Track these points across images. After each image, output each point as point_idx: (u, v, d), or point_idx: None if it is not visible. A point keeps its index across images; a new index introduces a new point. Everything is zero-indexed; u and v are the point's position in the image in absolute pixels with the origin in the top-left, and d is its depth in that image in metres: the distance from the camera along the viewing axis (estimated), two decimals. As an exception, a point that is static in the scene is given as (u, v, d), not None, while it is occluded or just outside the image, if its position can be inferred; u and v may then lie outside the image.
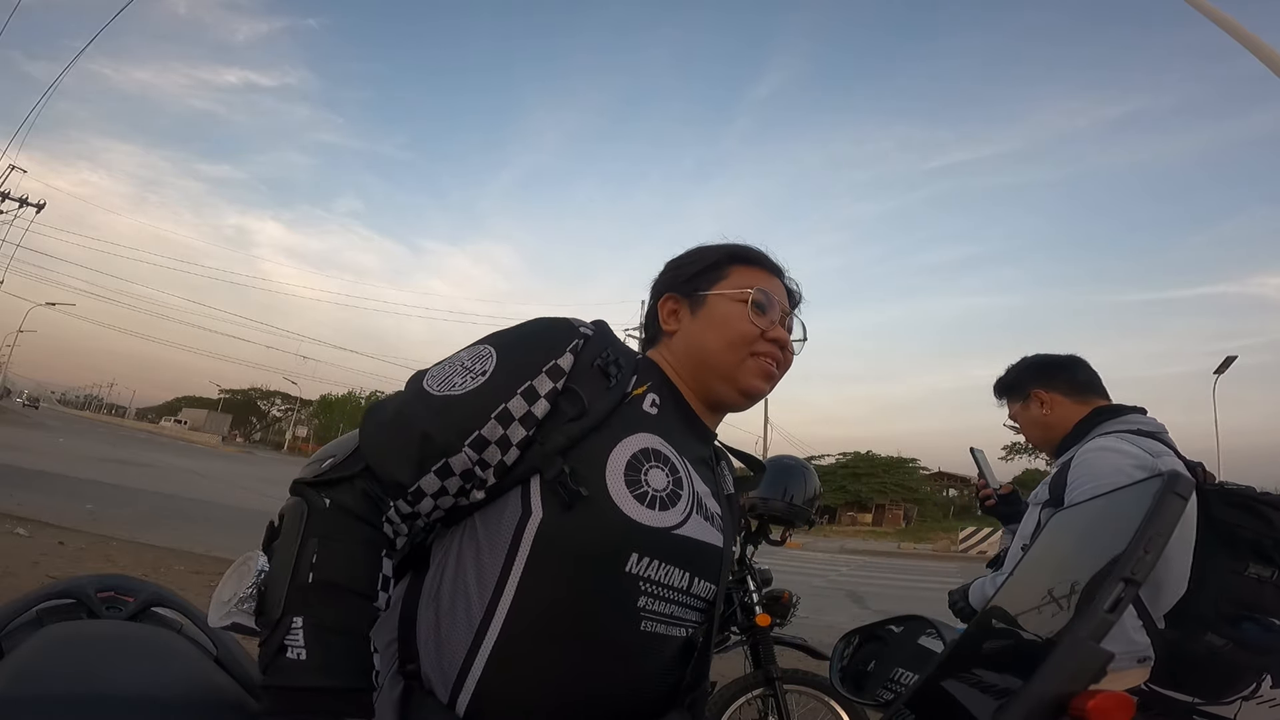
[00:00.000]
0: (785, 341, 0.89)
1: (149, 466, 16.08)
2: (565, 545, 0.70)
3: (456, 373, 0.74)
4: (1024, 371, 1.81)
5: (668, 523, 0.73)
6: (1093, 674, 0.59)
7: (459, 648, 0.68)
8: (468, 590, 0.70)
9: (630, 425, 0.77)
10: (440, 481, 0.71)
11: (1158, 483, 0.67)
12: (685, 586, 0.76)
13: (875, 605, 8.99)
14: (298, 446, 67.75)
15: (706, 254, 0.92)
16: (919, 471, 43.79)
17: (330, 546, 0.66)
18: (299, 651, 0.61)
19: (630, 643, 0.72)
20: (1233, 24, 5.68)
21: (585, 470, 0.71)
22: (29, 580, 4.02)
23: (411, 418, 0.72)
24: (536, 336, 0.78)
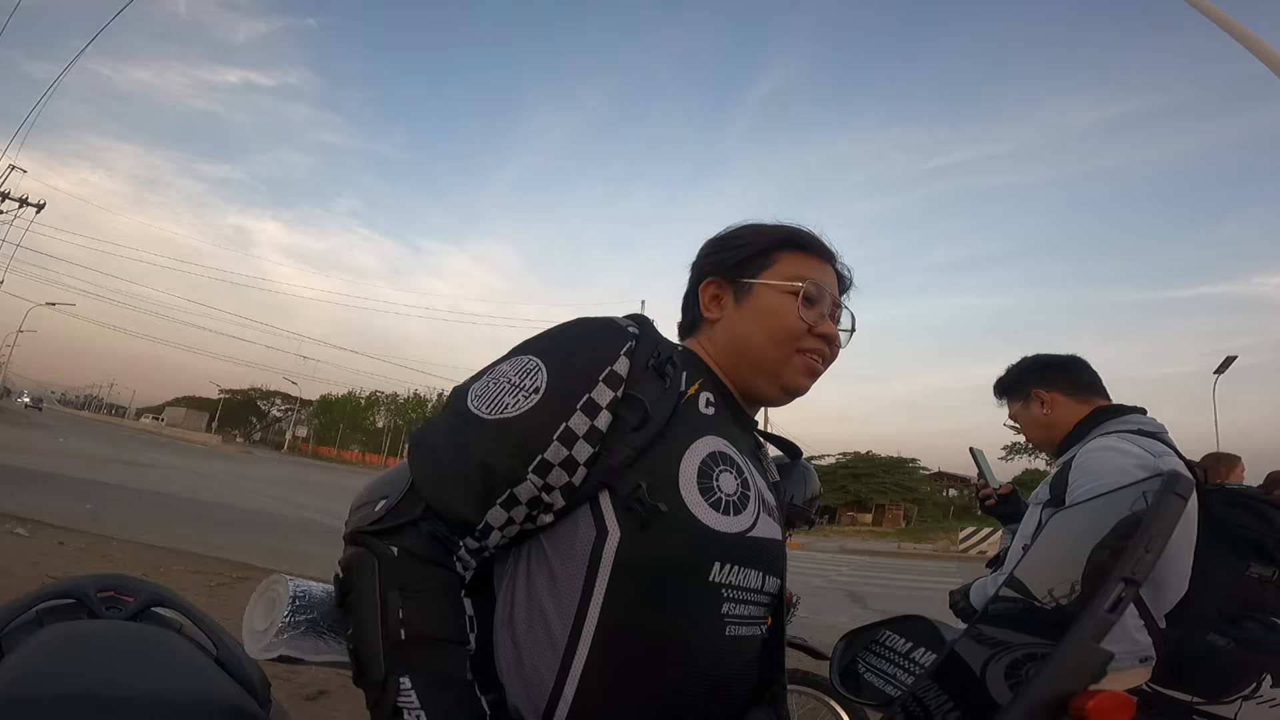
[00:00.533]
0: (834, 337, 0.84)
1: (149, 466, 16.07)
2: (648, 563, 0.66)
3: (505, 390, 0.68)
4: (1025, 371, 1.81)
5: (742, 526, 0.71)
6: (1093, 674, 0.59)
7: (546, 675, 0.65)
8: (546, 615, 0.67)
9: (694, 429, 0.72)
10: (507, 513, 0.66)
11: (1158, 483, 0.67)
12: (759, 586, 0.75)
13: (875, 605, 8.98)
14: (298, 446, 67.78)
15: (755, 237, 0.85)
16: (919, 471, 43.76)
17: (413, 598, 0.63)
18: (417, 713, 0.60)
19: (719, 650, 0.70)
20: (1233, 24, 5.68)
21: (658, 482, 0.67)
22: (29, 580, 4.03)
23: (467, 447, 0.66)
24: (586, 342, 0.71)
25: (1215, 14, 5.73)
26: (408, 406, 66.82)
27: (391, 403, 69.23)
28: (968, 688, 0.72)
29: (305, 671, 3.35)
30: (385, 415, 70.18)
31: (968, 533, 24.60)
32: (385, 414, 70.15)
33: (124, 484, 10.84)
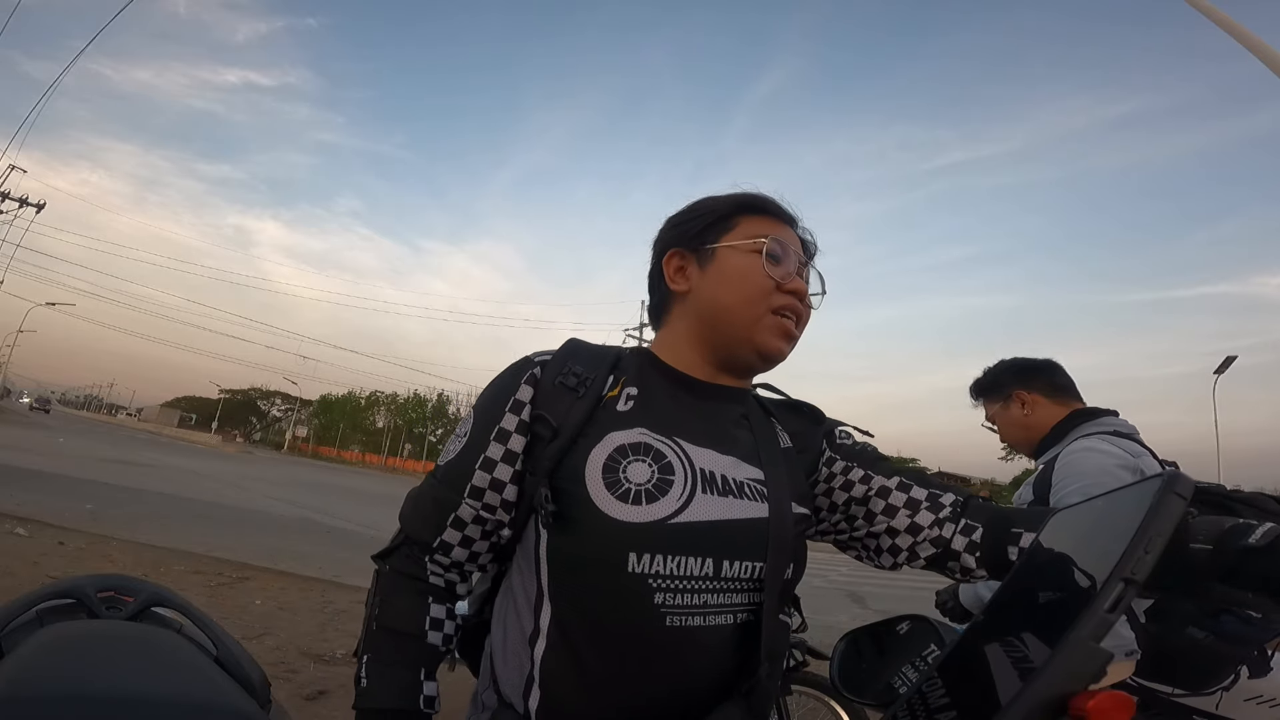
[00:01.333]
0: (803, 292, 0.84)
1: (149, 466, 16.07)
2: (568, 559, 0.73)
3: (452, 442, 0.83)
4: (1004, 373, 1.84)
5: (659, 514, 0.71)
6: (1093, 674, 0.59)
7: (522, 662, 0.75)
8: (519, 610, 0.77)
9: (604, 427, 0.76)
10: (459, 532, 0.80)
11: (1158, 483, 0.67)
12: (710, 574, 0.72)
13: (875, 605, 8.98)
14: (298, 446, 67.78)
15: (712, 205, 0.87)
16: (919, 471, 43.70)
17: (388, 600, 0.81)
18: (364, 681, 0.77)
19: (659, 640, 0.70)
20: (1233, 24, 5.68)
21: (567, 484, 0.73)
22: (29, 580, 4.03)
23: (426, 489, 0.83)
24: (496, 385, 0.82)
25: (1215, 14, 5.73)
26: (408, 406, 66.83)
27: (391, 403, 69.23)
28: (968, 687, 0.72)
29: (305, 671, 3.35)
30: (385, 415, 70.17)
31: (968, 533, 24.54)
32: (385, 414, 70.15)
33: (124, 484, 10.85)
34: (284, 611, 4.47)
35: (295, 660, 3.50)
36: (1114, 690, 0.59)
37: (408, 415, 66.35)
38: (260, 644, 3.64)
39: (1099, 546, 0.79)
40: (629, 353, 0.86)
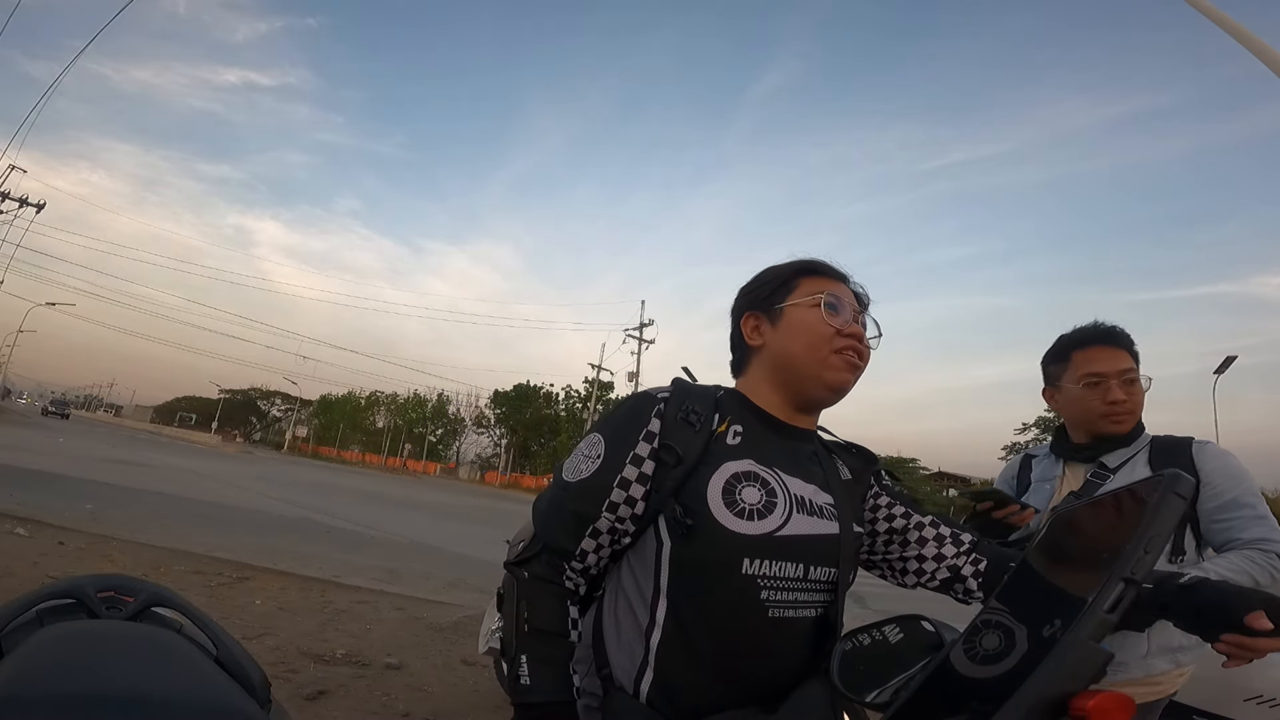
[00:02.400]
0: (860, 335, 0.99)
1: (149, 466, 16.07)
2: (692, 562, 0.89)
3: (581, 462, 0.95)
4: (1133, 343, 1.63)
5: (768, 528, 0.88)
6: (1093, 674, 0.59)
7: (635, 651, 0.90)
8: (633, 607, 0.92)
9: (720, 458, 0.92)
10: (595, 541, 0.93)
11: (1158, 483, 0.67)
12: (801, 576, 0.90)
13: (875, 605, 8.95)
14: (298, 446, 67.76)
15: (775, 273, 1.05)
16: (919, 471, 43.79)
17: (534, 604, 0.92)
18: (526, 679, 0.88)
19: (761, 629, 0.88)
20: (1233, 24, 5.68)
21: (693, 503, 0.89)
22: (29, 580, 4.03)
23: (563, 502, 0.95)
24: (628, 415, 0.96)
25: (1215, 14, 5.73)
26: (408, 406, 66.75)
27: (391, 403, 69.13)
28: (968, 687, 0.72)
29: (305, 671, 3.35)
30: (385, 415, 70.10)
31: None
32: (385, 414, 70.07)
33: (124, 484, 10.84)
34: (284, 611, 4.47)
35: (295, 660, 3.50)
36: (1114, 690, 0.59)
37: (408, 415, 66.28)
38: (260, 644, 3.64)
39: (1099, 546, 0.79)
40: (725, 394, 1.02)
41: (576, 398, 52.15)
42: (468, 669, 3.80)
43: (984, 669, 0.70)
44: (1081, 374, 1.58)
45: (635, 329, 35.81)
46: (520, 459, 55.49)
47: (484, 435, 62.71)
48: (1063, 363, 1.64)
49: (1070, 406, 1.63)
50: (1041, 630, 0.65)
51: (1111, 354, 1.58)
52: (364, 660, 3.65)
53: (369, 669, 3.54)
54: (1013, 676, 0.64)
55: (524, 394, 55.94)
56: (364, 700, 3.11)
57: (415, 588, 6.03)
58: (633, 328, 35.89)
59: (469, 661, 3.91)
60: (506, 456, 56.58)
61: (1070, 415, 1.65)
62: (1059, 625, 0.61)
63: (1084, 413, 1.59)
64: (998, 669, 0.67)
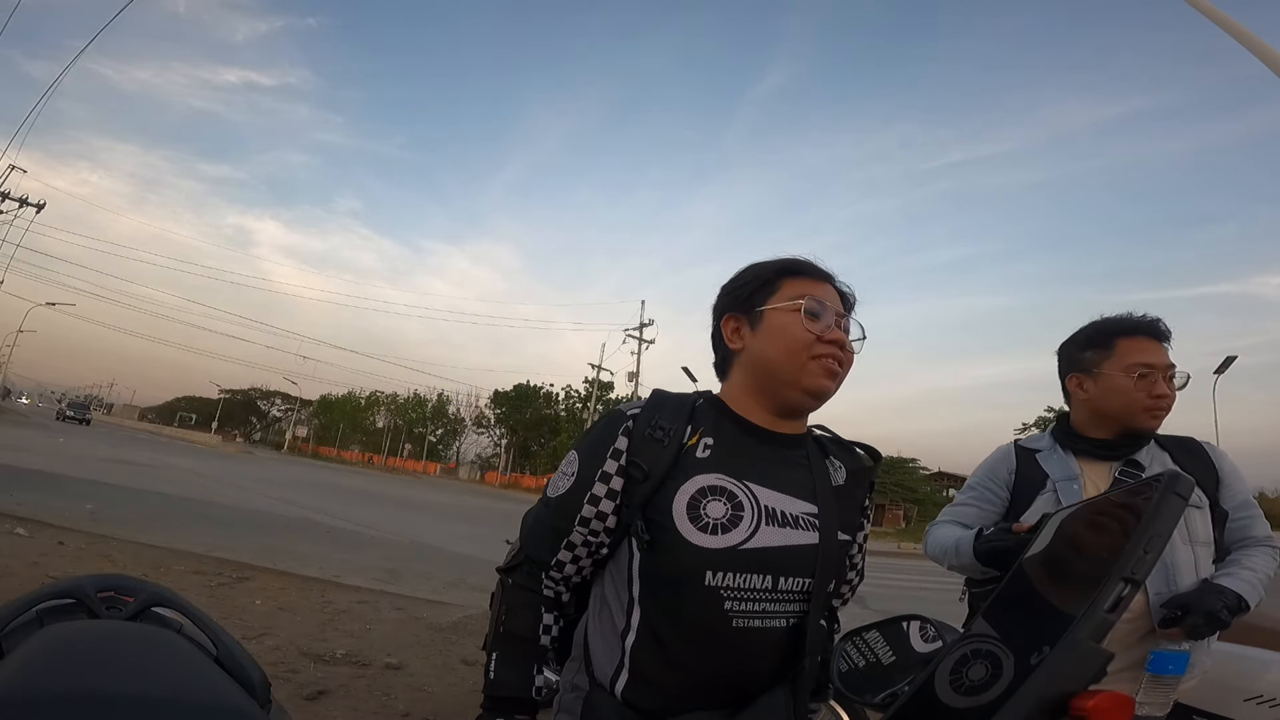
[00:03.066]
0: (842, 341, 0.97)
1: (149, 466, 16.07)
2: (657, 574, 0.92)
3: (560, 479, 1.00)
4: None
5: (732, 542, 0.89)
6: (1093, 674, 0.59)
7: (614, 652, 0.94)
8: (612, 612, 0.96)
9: (688, 471, 0.93)
10: (570, 553, 0.98)
11: (1157, 482, 0.67)
12: (769, 587, 0.91)
13: (875, 605, 8.95)
14: (298, 446, 67.76)
15: (757, 272, 1.02)
16: (919, 471, 43.83)
17: (512, 609, 0.99)
18: (493, 674, 0.96)
19: (726, 637, 0.90)
20: (1233, 24, 5.68)
21: (658, 517, 0.91)
22: (29, 580, 4.03)
23: (543, 516, 1.01)
24: (599, 434, 0.98)
25: (1215, 14, 5.73)
26: (408, 406, 66.74)
27: (391, 403, 69.13)
28: (967, 687, 0.72)
29: (305, 671, 3.35)
30: (385, 415, 70.12)
31: (968, 533, 24.55)
32: (385, 414, 70.08)
33: (124, 484, 10.85)
34: (284, 611, 4.47)
35: (295, 660, 3.50)
36: (1114, 691, 0.59)
37: (408, 415, 66.28)
38: (260, 644, 3.64)
39: (1099, 546, 0.79)
40: (702, 401, 1.01)
41: (576, 398, 52.12)
42: (468, 669, 3.80)
43: (968, 699, 0.70)
44: (1131, 363, 1.48)
45: (635, 329, 35.81)
46: (520, 459, 55.49)
47: (484, 435, 62.72)
48: (1104, 349, 1.53)
49: (1108, 397, 1.51)
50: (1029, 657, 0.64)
51: (1158, 347, 1.50)
52: (364, 660, 3.65)
53: (369, 669, 3.54)
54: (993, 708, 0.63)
55: (524, 394, 55.93)
56: (364, 700, 3.12)
57: (415, 588, 6.04)
58: (633, 328, 35.91)
59: (469, 661, 3.91)
60: (506, 456, 56.57)
61: (1105, 406, 1.52)
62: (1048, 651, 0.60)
63: (1126, 405, 1.48)
64: (982, 699, 0.67)
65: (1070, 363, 1.60)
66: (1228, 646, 1.71)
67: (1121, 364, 1.49)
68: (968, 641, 0.77)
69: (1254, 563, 1.45)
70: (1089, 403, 1.55)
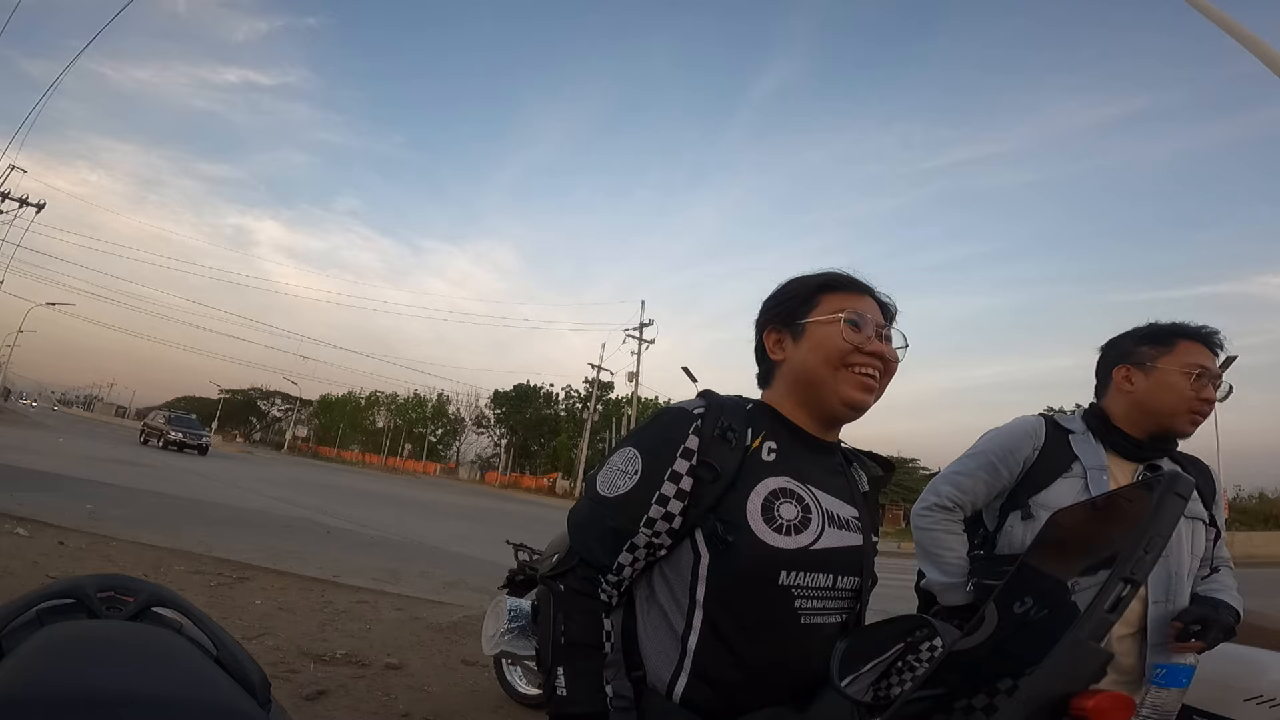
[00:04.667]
0: (882, 352, 1.00)
1: (149, 466, 16.06)
2: (731, 575, 0.92)
3: (617, 476, 0.97)
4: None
5: (803, 543, 0.93)
6: (1093, 674, 0.59)
7: (671, 655, 0.93)
8: (667, 614, 0.95)
9: (757, 474, 0.95)
10: (631, 555, 0.96)
11: (1158, 483, 0.67)
12: (830, 585, 0.96)
13: (875, 605, 8.95)
14: (298, 446, 67.71)
15: (798, 288, 1.05)
16: (919, 471, 43.73)
17: (571, 617, 0.95)
18: (563, 690, 0.91)
19: (795, 633, 0.93)
20: (1233, 24, 5.68)
21: (732, 518, 0.92)
22: (29, 580, 4.03)
23: (600, 517, 0.97)
24: (664, 430, 0.97)
25: (1215, 14, 5.73)
26: (408, 406, 66.69)
27: (391, 403, 69.05)
28: (968, 687, 0.72)
29: (305, 671, 3.35)
30: (385, 415, 70.06)
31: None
32: (385, 414, 70.02)
33: (124, 484, 10.84)
34: (284, 611, 4.47)
35: (295, 660, 3.50)
36: (1114, 691, 0.59)
37: (408, 415, 66.23)
38: (260, 644, 3.64)
39: (1099, 546, 0.79)
40: (754, 406, 1.04)
41: (576, 398, 52.14)
42: (468, 669, 3.80)
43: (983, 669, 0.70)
44: (1189, 363, 1.49)
45: (635, 329, 35.84)
46: (520, 459, 55.48)
47: (484, 435, 62.72)
48: (1164, 346, 1.53)
49: (1159, 393, 1.51)
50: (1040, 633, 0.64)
51: (1212, 357, 1.53)
52: (364, 660, 3.65)
53: (369, 669, 3.54)
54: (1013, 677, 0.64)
55: (524, 394, 55.91)
56: (364, 700, 3.11)
57: (415, 588, 6.04)
58: (633, 328, 35.93)
59: (469, 661, 3.91)
60: (506, 456, 56.58)
61: (1153, 401, 1.52)
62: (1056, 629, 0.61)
63: (1174, 403, 1.49)
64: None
65: (1122, 354, 1.59)
66: (1227, 646, 1.72)
67: (1180, 362, 1.50)
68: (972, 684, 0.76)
69: (1231, 580, 1.56)
70: (1133, 396, 1.54)
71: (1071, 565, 0.85)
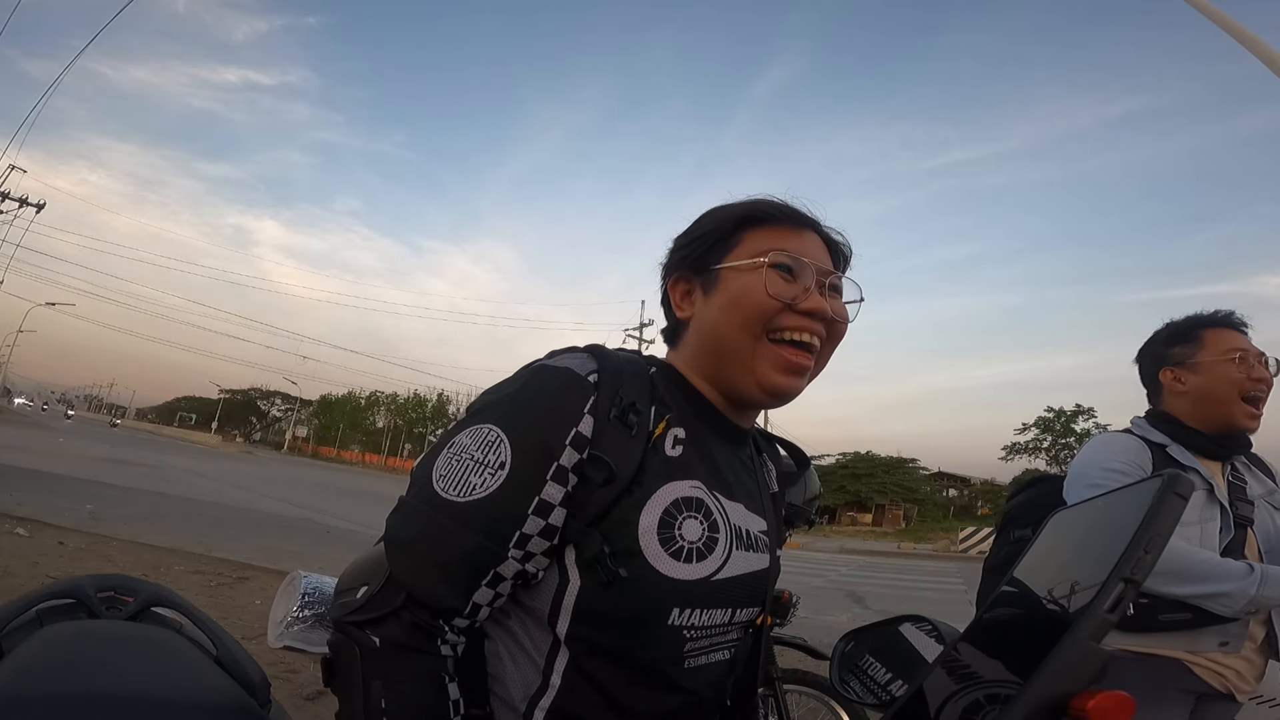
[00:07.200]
0: (821, 309, 0.72)
1: (149, 466, 16.06)
2: (606, 613, 0.67)
3: (469, 469, 0.65)
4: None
5: (705, 572, 0.69)
6: (1093, 674, 0.59)
7: (520, 695, 0.68)
8: (521, 645, 0.69)
9: (658, 476, 0.69)
10: (494, 590, 0.66)
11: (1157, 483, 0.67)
12: (727, 621, 0.73)
13: (875, 605, 8.97)
14: (298, 446, 67.77)
15: (716, 220, 0.78)
16: (919, 471, 43.78)
17: (394, 689, 0.63)
18: None
19: (678, 680, 0.71)
20: (1233, 24, 5.68)
21: (621, 535, 0.66)
22: (29, 580, 4.03)
23: (444, 534, 0.64)
24: (546, 404, 0.67)
25: (1215, 14, 5.73)
26: (408, 406, 66.78)
27: (391, 403, 69.16)
28: (968, 688, 0.72)
29: (305, 671, 3.35)
30: (385, 415, 70.13)
31: (968, 533, 24.61)
32: (385, 414, 70.11)
33: (124, 484, 10.84)
34: (284, 611, 4.46)
35: (295, 660, 3.50)
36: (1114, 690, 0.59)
37: (408, 415, 66.30)
38: (260, 644, 3.63)
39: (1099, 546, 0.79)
40: (656, 371, 0.76)
41: (576, 398, 52.06)
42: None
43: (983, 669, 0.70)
44: (1226, 349, 1.46)
45: (635, 329, 35.78)
46: (520, 459, 55.44)
47: (484, 435, 62.53)
48: (1192, 343, 1.51)
49: (1212, 386, 1.46)
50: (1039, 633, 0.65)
51: (1241, 336, 1.49)
52: (364, 660, 3.64)
53: (369, 669, 3.54)
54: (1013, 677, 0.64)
55: (524, 394, 55.81)
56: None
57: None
58: (633, 328, 35.85)
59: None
60: (506, 456, 56.52)
61: (1210, 394, 1.47)
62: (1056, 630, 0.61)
63: (1227, 390, 1.44)
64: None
65: (1158, 360, 1.56)
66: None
67: (1217, 351, 1.47)
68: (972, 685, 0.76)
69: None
70: (1189, 395, 1.50)
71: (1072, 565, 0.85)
